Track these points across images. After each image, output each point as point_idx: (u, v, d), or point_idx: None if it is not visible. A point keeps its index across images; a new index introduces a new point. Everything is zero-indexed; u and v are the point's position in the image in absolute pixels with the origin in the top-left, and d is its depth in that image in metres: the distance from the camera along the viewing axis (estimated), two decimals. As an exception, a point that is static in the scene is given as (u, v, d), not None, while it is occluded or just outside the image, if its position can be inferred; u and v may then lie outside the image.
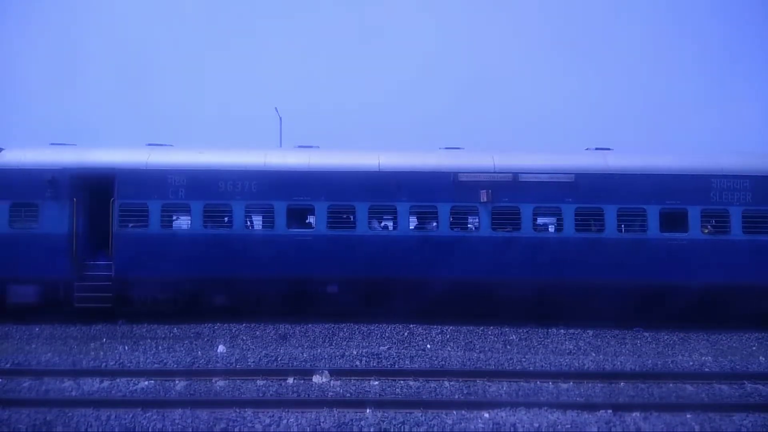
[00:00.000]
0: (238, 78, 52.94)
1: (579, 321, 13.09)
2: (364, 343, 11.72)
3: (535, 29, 52.11)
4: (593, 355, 11.09)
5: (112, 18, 49.88)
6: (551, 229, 13.88)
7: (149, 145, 13.98)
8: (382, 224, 13.65)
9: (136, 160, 13.27)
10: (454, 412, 7.34)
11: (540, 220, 13.76)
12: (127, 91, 49.54)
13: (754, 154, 13.98)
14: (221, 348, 11.12)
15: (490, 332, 12.54)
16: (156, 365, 9.66)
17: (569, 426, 6.90)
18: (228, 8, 55.03)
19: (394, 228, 13.29)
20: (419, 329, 12.58)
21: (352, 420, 6.94)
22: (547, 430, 6.83)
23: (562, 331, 12.75)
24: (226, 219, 13.19)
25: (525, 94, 50.00)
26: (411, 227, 13.32)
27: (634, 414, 7.31)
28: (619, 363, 10.19)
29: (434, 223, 13.30)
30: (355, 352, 10.46)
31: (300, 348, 11.21)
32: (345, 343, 11.81)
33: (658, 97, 47.95)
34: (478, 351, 11.31)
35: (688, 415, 7.34)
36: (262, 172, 13.23)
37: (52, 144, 14.00)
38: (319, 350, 10.76)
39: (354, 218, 13.15)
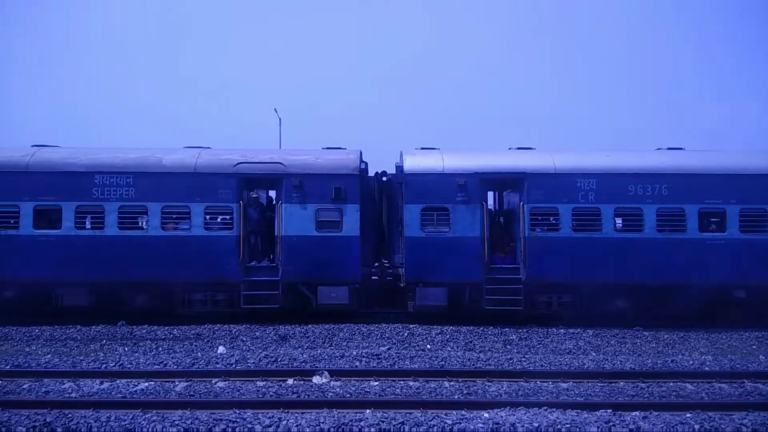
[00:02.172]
0: (237, 79, 52.97)
1: (579, 320, 13.11)
2: (364, 344, 11.72)
3: (532, 29, 52.10)
4: (593, 354, 11.09)
5: (112, 17, 49.89)
6: None
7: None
8: None
9: (544, 164, 13.34)
10: (454, 412, 7.31)
11: None
12: (124, 91, 49.57)
13: None
14: (221, 349, 11.12)
15: (489, 332, 12.55)
16: (156, 366, 9.65)
17: (569, 425, 6.89)
18: (226, 9, 55.02)
19: None
20: (419, 329, 12.58)
21: (351, 420, 6.92)
22: (546, 430, 6.82)
23: (562, 330, 12.75)
24: (635, 222, 13.12)
25: (522, 91, 50.01)
26: None
27: (633, 413, 7.29)
28: (618, 362, 10.19)
29: None
30: (355, 353, 10.45)
31: (300, 349, 11.20)
32: (345, 343, 11.80)
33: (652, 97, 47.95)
34: (478, 351, 11.30)
35: (688, 414, 7.32)
36: (674, 174, 13.08)
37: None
38: (319, 351, 10.75)
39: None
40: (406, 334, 12.33)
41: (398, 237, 13.77)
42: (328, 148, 14.22)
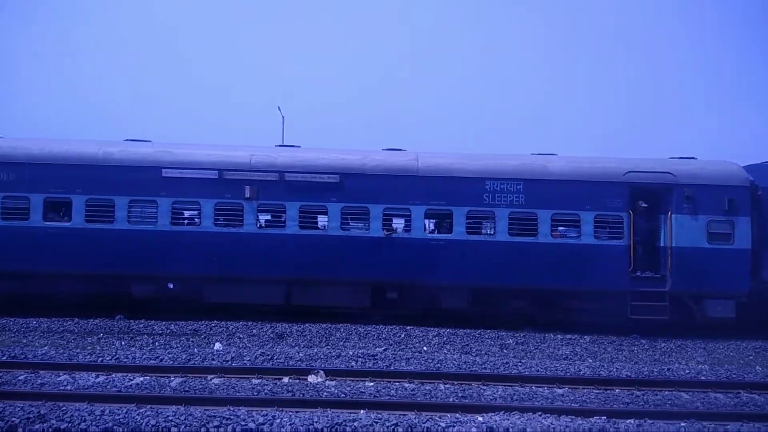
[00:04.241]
0: (238, 78, 53.04)
1: (576, 327, 13.10)
2: (360, 344, 11.72)
3: (533, 29, 52.08)
4: (589, 360, 11.07)
5: (115, 17, 49.99)
6: None
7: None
8: None
9: None
10: (448, 415, 7.32)
11: None
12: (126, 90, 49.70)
13: None
14: (218, 345, 11.12)
15: (487, 336, 12.53)
16: (152, 361, 9.66)
17: (563, 431, 6.89)
18: (227, 8, 55.09)
19: None
20: (416, 331, 12.57)
21: (345, 420, 6.92)
22: (540, 435, 6.81)
23: (559, 336, 12.73)
24: None
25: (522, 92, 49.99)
26: None
27: (628, 421, 7.27)
28: (615, 369, 10.18)
29: None
30: (351, 353, 10.45)
31: (296, 347, 11.20)
32: (341, 343, 11.80)
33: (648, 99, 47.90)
34: (474, 354, 11.30)
35: (683, 423, 7.32)
36: None
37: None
38: (315, 350, 10.75)
39: None
40: (402, 336, 12.33)
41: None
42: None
